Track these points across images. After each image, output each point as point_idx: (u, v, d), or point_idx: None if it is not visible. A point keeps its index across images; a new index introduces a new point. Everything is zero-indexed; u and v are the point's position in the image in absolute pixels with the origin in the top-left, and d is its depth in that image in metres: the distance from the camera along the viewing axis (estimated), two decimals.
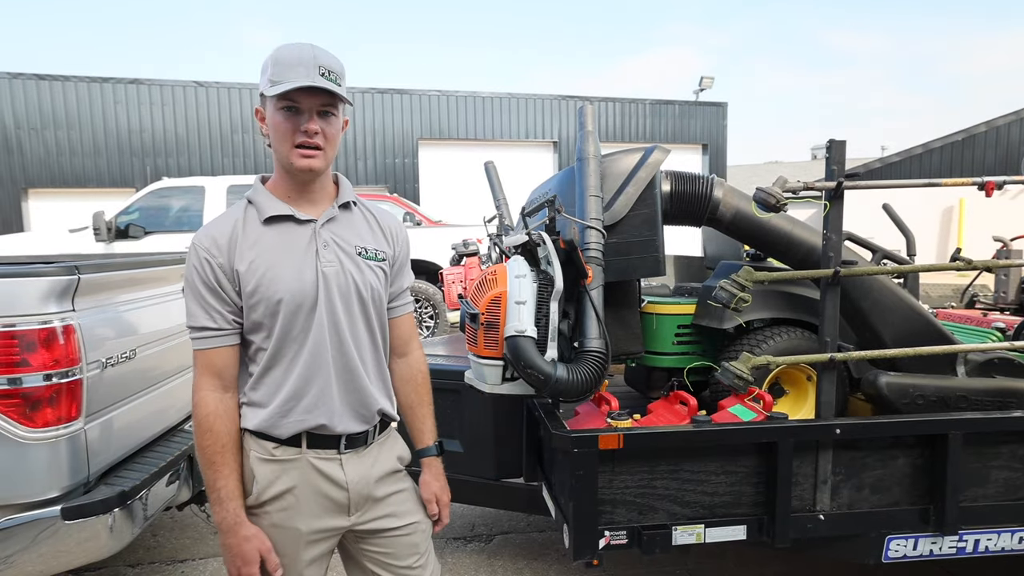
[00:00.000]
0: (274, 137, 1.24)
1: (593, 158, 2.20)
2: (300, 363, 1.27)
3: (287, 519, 1.29)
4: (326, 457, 1.31)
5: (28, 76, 11.88)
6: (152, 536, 3.06)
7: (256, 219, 1.27)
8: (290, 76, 1.19)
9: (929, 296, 5.13)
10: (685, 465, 1.88)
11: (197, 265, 1.24)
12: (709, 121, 15.21)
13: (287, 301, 1.24)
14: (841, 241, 2.01)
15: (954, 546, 1.98)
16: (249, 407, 1.29)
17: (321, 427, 1.29)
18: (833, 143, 1.95)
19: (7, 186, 11.86)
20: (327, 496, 1.31)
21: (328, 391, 1.29)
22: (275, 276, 1.24)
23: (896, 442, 1.95)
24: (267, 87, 1.21)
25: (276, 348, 1.26)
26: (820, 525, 1.92)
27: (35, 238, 7.83)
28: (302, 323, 1.26)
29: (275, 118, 1.23)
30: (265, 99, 1.24)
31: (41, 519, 1.62)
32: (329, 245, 1.29)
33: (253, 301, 1.24)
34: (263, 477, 1.28)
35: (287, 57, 1.21)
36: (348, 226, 1.35)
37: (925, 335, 2.23)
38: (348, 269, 1.30)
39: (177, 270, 2.41)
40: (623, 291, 2.31)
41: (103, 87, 12.14)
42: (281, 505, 1.28)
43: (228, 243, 1.24)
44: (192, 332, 1.26)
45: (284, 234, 1.27)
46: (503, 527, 3.15)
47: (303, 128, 1.22)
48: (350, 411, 1.32)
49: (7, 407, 1.58)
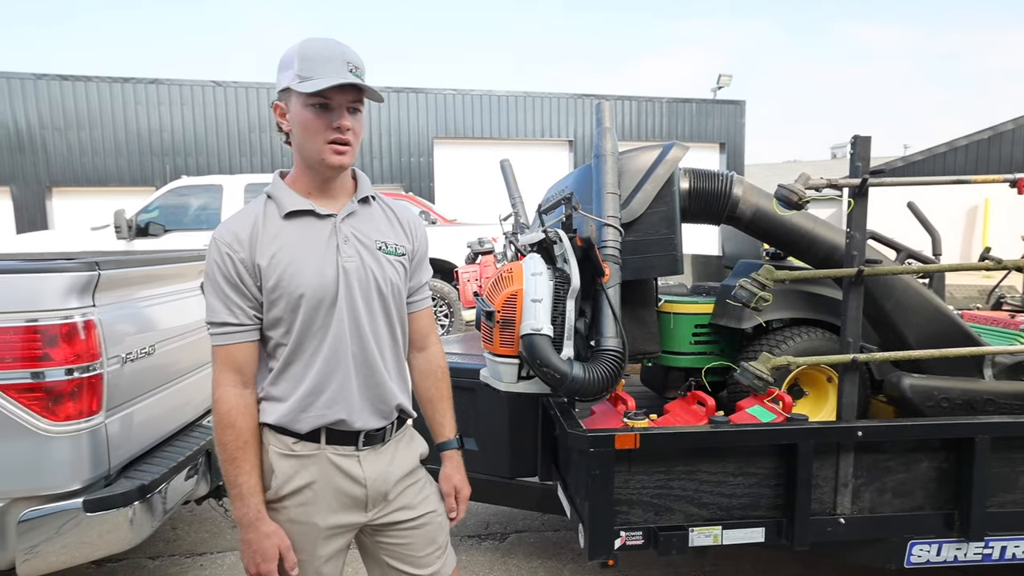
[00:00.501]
0: (303, 133, 1.23)
1: (611, 155, 2.18)
2: (320, 358, 1.27)
3: (305, 514, 1.29)
4: (344, 454, 1.31)
5: (52, 77, 12.10)
6: (171, 529, 3.10)
7: (276, 214, 1.27)
8: (321, 72, 1.18)
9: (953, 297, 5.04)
10: (703, 466, 1.86)
11: (218, 260, 1.24)
12: (727, 119, 15.06)
13: (308, 296, 1.24)
14: (865, 239, 1.97)
15: (980, 553, 1.94)
16: (268, 402, 1.30)
17: (340, 422, 1.29)
18: (858, 139, 1.92)
19: (32, 185, 12.11)
20: (345, 492, 1.31)
21: (348, 386, 1.29)
22: (296, 271, 1.24)
23: (920, 445, 1.91)
24: (294, 82, 1.20)
25: (297, 343, 1.26)
26: (840, 529, 1.89)
27: (58, 236, 7.98)
28: (323, 318, 1.26)
29: (304, 114, 1.22)
30: (289, 94, 1.23)
31: (64, 511, 1.64)
32: (349, 240, 1.29)
33: (274, 296, 1.24)
34: (282, 472, 1.28)
35: (316, 52, 1.20)
36: (368, 221, 1.35)
37: (951, 336, 2.18)
38: (368, 264, 1.30)
39: (195, 267, 2.44)
40: (640, 290, 2.29)
41: (124, 87, 12.34)
42: (299, 500, 1.29)
43: (249, 238, 1.24)
44: (212, 328, 1.26)
45: (304, 229, 1.27)
46: (517, 526, 3.14)
47: (336, 125, 1.22)
48: (369, 406, 1.32)
49: (30, 400, 1.61)
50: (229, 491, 1.25)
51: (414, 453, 1.45)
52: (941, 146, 14.30)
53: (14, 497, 1.63)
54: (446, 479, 1.48)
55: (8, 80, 11.94)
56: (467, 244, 4.84)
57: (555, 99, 14.14)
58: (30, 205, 12.10)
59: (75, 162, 12.24)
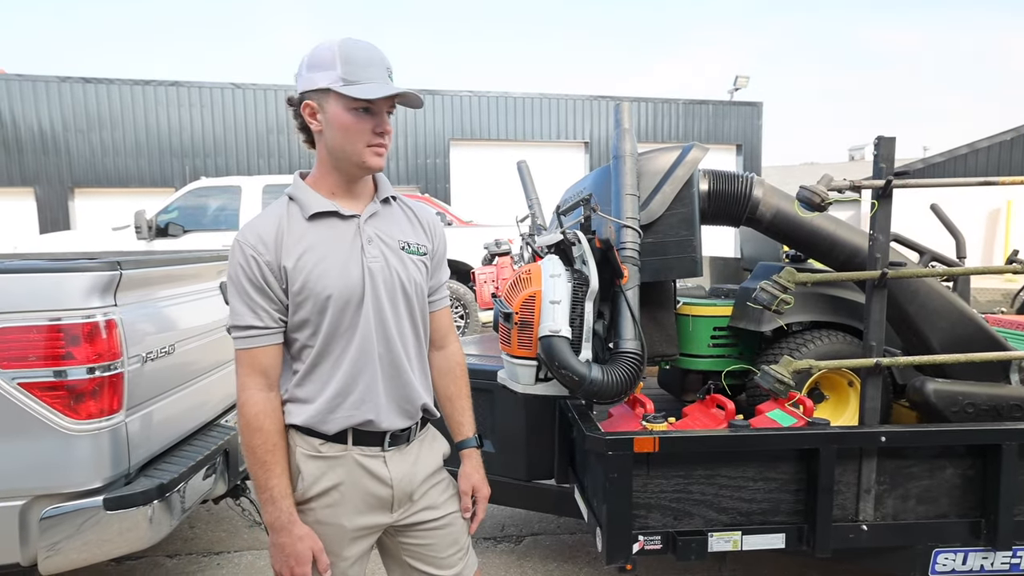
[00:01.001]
0: (343, 135, 1.23)
1: (629, 156, 2.17)
2: (348, 359, 1.27)
3: (332, 516, 1.29)
4: (370, 455, 1.31)
5: (75, 79, 12.31)
6: (189, 528, 3.12)
7: (299, 215, 1.27)
8: (365, 76, 1.19)
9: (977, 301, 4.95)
10: (722, 470, 1.83)
11: (243, 263, 1.23)
12: (744, 121, 14.94)
13: (336, 297, 1.24)
14: (889, 242, 1.94)
15: (1007, 562, 1.90)
16: (294, 404, 1.30)
17: (368, 423, 1.29)
18: (882, 139, 1.88)
19: (55, 185, 12.32)
20: (372, 493, 1.31)
21: (375, 386, 1.28)
22: (323, 272, 1.24)
23: (945, 451, 1.88)
24: (337, 84, 1.19)
25: (324, 344, 1.26)
26: (863, 536, 1.86)
27: (80, 236, 8.11)
28: (350, 319, 1.26)
29: (346, 117, 1.21)
30: (325, 94, 1.22)
31: (85, 508, 1.65)
32: (373, 240, 1.29)
33: (301, 298, 1.24)
34: (309, 474, 1.28)
35: (358, 56, 1.20)
36: (390, 221, 1.35)
37: (976, 341, 2.14)
38: (392, 264, 1.30)
39: (214, 267, 2.45)
40: (659, 292, 2.27)
41: (144, 89, 12.52)
42: (327, 502, 1.29)
43: (274, 240, 1.24)
44: (236, 331, 1.25)
45: (329, 230, 1.27)
46: (533, 528, 3.13)
47: (379, 130, 1.23)
48: (395, 407, 1.32)
49: (53, 399, 1.62)
50: (259, 495, 1.25)
51: (437, 453, 1.45)
52: (962, 148, 14.06)
53: (36, 494, 1.65)
54: (465, 477, 1.47)
55: (33, 83, 12.16)
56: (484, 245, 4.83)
57: (571, 101, 14.11)
58: (53, 205, 12.31)
59: (97, 163, 12.43)
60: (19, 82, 12.16)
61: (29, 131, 12.16)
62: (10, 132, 12.13)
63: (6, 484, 1.63)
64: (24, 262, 1.73)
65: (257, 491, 1.25)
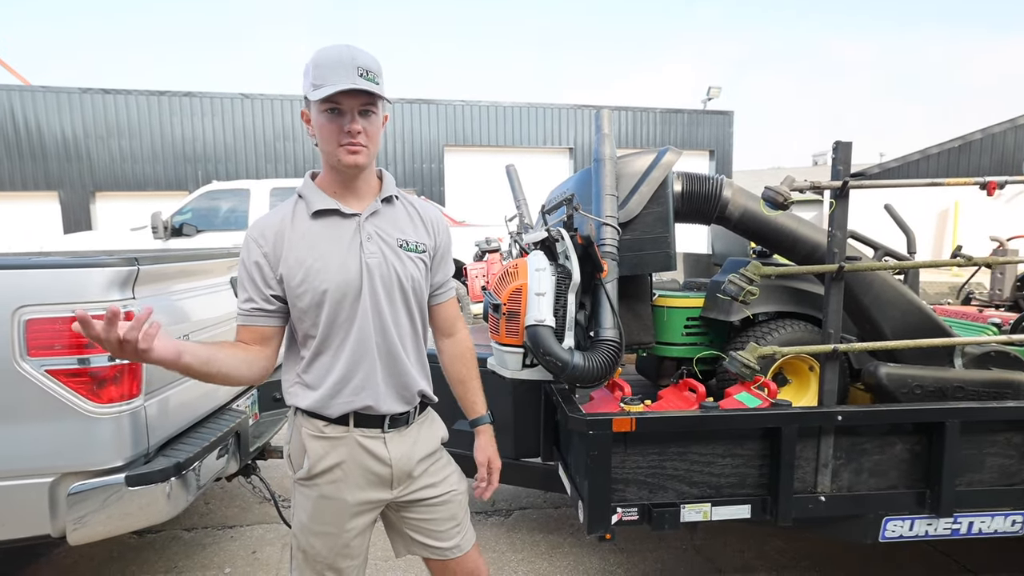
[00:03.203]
0: (320, 138, 1.23)
1: (609, 159, 2.17)
2: (347, 349, 1.26)
3: (335, 491, 1.30)
4: (371, 436, 1.31)
5: (96, 91, 12.16)
6: (204, 504, 3.11)
7: (305, 213, 1.27)
8: (331, 79, 1.16)
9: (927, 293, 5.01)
10: (693, 448, 1.85)
11: (246, 255, 1.26)
12: (716, 129, 14.99)
13: (332, 291, 1.23)
14: (845, 238, 1.96)
15: (949, 528, 1.93)
16: (301, 387, 1.30)
17: (368, 408, 1.29)
18: (839, 144, 1.90)
19: (77, 189, 12.17)
20: (372, 471, 1.31)
21: (373, 375, 1.28)
22: (322, 267, 1.23)
23: (895, 429, 1.90)
24: (310, 91, 1.18)
25: (324, 335, 1.26)
26: (820, 506, 1.88)
27: (101, 236, 8.02)
28: (347, 311, 1.26)
29: (319, 120, 1.20)
30: (309, 103, 1.22)
31: (108, 485, 1.66)
32: (372, 237, 1.28)
33: (300, 291, 1.24)
34: (314, 452, 1.28)
35: (326, 60, 1.17)
36: (390, 219, 1.33)
37: (924, 328, 2.17)
38: (390, 260, 1.29)
39: (225, 263, 2.44)
40: (636, 285, 2.28)
41: (160, 99, 12.37)
42: (330, 478, 1.29)
43: (275, 235, 1.25)
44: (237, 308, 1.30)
45: (330, 227, 1.27)
46: (521, 503, 3.15)
47: (346, 129, 1.19)
48: (394, 393, 1.32)
49: (77, 384, 1.62)
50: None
51: (435, 435, 1.45)
52: (914, 154, 14.19)
53: (64, 472, 1.65)
54: (481, 450, 1.49)
55: (56, 94, 12.00)
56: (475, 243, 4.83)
57: (556, 110, 14.09)
58: (76, 208, 12.16)
59: (116, 168, 12.29)
60: (44, 93, 12.00)
61: (53, 139, 12.01)
62: (36, 140, 11.98)
63: (36, 463, 1.64)
64: (50, 259, 1.71)
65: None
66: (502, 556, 2.62)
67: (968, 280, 3.63)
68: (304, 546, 1.32)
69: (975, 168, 13.52)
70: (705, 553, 2.63)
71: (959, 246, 2.65)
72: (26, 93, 11.97)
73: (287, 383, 1.33)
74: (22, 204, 12.13)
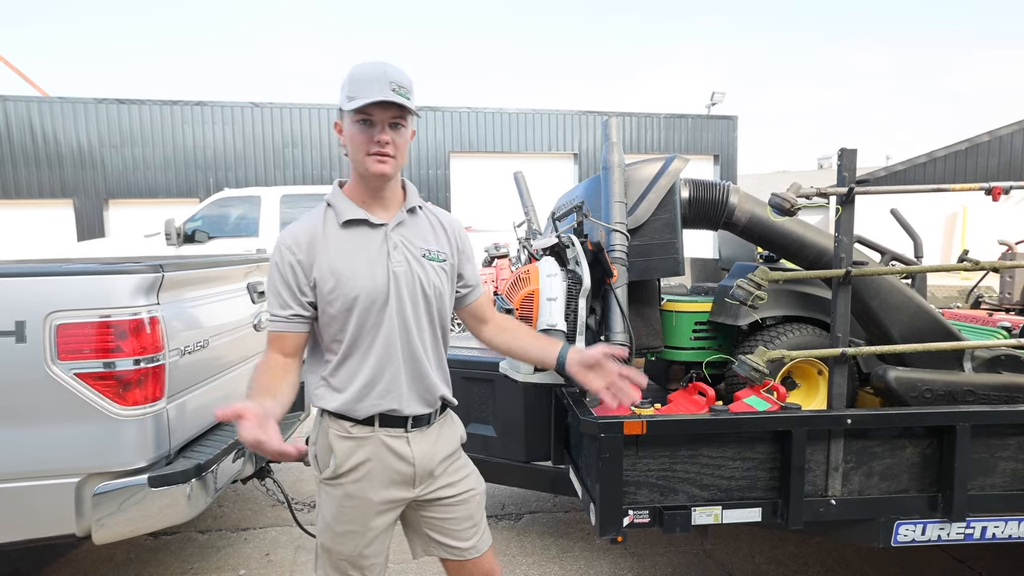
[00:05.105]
0: (351, 147, 1.27)
1: (617, 167, 2.20)
2: (374, 354, 1.30)
3: (360, 490, 1.33)
4: (395, 435, 1.34)
5: (111, 100, 12.34)
6: (219, 507, 3.15)
7: (335, 221, 1.31)
8: (364, 92, 1.22)
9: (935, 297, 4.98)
10: (704, 451, 1.86)
11: (279, 261, 1.28)
12: (720, 133, 14.98)
13: (362, 298, 1.27)
14: (852, 243, 1.97)
15: (962, 532, 1.92)
16: (327, 391, 1.34)
17: (393, 410, 1.33)
18: (844, 151, 1.92)
19: (91, 196, 12.33)
20: (395, 469, 1.34)
21: (398, 379, 1.32)
22: (352, 275, 1.27)
23: (905, 432, 1.90)
24: (344, 102, 1.24)
25: (352, 340, 1.30)
26: (832, 509, 1.89)
27: (114, 242, 8.12)
28: (375, 317, 1.29)
29: (351, 130, 1.26)
30: (343, 113, 1.27)
31: (132, 486, 1.69)
32: (398, 247, 1.32)
33: (331, 297, 1.27)
34: (341, 452, 1.32)
35: (362, 75, 1.24)
36: (414, 229, 1.37)
37: (932, 332, 2.17)
38: (415, 269, 1.33)
39: (243, 270, 2.48)
40: (645, 290, 2.30)
41: (172, 109, 12.53)
42: (355, 477, 1.32)
43: (308, 243, 1.28)
44: (269, 315, 1.32)
45: (359, 236, 1.31)
46: (531, 507, 3.16)
47: (376, 139, 1.25)
48: (416, 396, 1.35)
49: (104, 387, 1.66)
50: None
51: (455, 436, 1.48)
52: (921, 157, 14.12)
53: (89, 473, 1.68)
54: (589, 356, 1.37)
55: (72, 104, 12.19)
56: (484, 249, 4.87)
57: (561, 116, 14.14)
58: (89, 215, 12.32)
59: (129, 176, 12.45)
60: (60, 104, 12.20)
61: (68, 147, 12.19)
62: (52, 149, 12.16)
63: (63, 463, 1.67)
64: (79, 265, 1.76)
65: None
66: (512, 560, 2.63)
67: (977, 284, 3.61)
68: (328, 545, 1.35)
69: (982, 171, 13.43)
70: (716, 557, 2.63)
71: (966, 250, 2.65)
72: (44, 104, 12.16)
73: (312, 385, 1.36)
74: (38, 211, 12.31)
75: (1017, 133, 13.37)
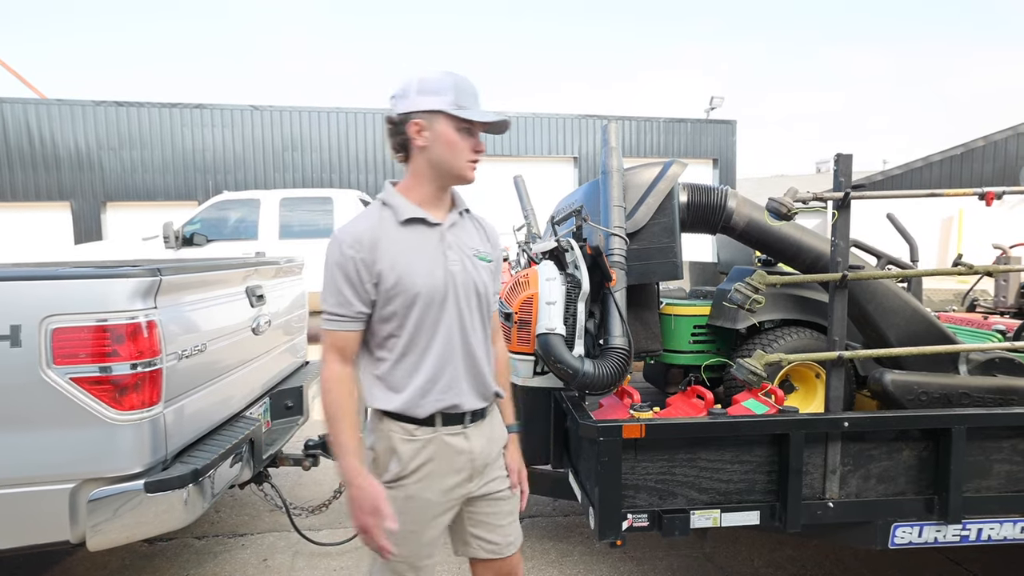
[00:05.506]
0: (450, 151, 1.31)
1: (616, 171, 2.21)
2: (434, 350, 1.32)
3: (422, 490, 1.34)
4: (455, 432, 1.37)
5: (109, 103, 12.33)
6: (215, 512, 3.13)
7: (392, 220, 1.32)
8: (471, 103, 1.30)
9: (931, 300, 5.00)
10: (702, 454, 1.87)
11: (340, 259, 1.28)
12: (719, 137, 15.03)
13: (423, 295, 1.29)
14: (848, 247, 1.98)
15: (958, 534, 1.93)
16: (385, 391, 1.34)
17: (454, 406, 1.35)
18: (840, 156, 1.93)
19: (89, 199, 12.31)
20: (457, 467, 1.37)
21: (458, 374, 1.35)
22: (413, 272, 1.29)
23: (902, 435, 1.91)
24: (451, 108, 1.28)
25: (411, 337, 1.31)
26: (829, 512, 1.89)
27: (112, 245, 8.10)
28: (434, 314, 1.32)
29: (454, 136, 1.30)
30: (436, 115, 1.29)
31: (128, 491, 1.68)
32: (453, 247, 1.36)
33: (392, 294, 1.29)
34: (406, 454, 1.33)
35: (464, 86, 1.31)
36: (464, 231, 1.42)
37: (928, 336, 2.19)
38: (469, 268, 1.37)
39: (241, 273, 2.47)
40: (644, 293, 2.31)
41: (171, 111, 12.53)
42: (418, 477, 1.34)
43: (371, 241, 1.28)
44: (326, 315, 1.31)
45: (418, 235, 1.33)
46: (531, 510, 3.15)
47: (477, 148, 1.34)
48: (474, 391, 1.38)
49: (100, 392, 1.65)
50: (334, 450, 1.30)
51: (503, 428, 1.51)
52: (917, 161, 14.19)
53: (84, 478, 1.67)
54: (511, 458, 1.52)
55: (71, 107, 12.18)
56: None
57: (561, 119, 14.18)
58: (87, 217, 12.29)
59: (127, 179, 12.43)
60: (58, 106, 12.19)
61: (66, 150, 12.18)
62: (49, 151, 12.15)
63: (57, 469, 1.66)
64: (76, 269, 1.75)
65: (332, 445, 1.30)
66: None
67: (972, 287, 3.63)
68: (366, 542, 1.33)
69: (977, 175, 13.51)
70: (716, 561, 2.63)
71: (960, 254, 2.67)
72: (41, 106, 12.15)
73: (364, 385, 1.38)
74: (35, 214, 12.28)
75: (1011, 138, 13.46)
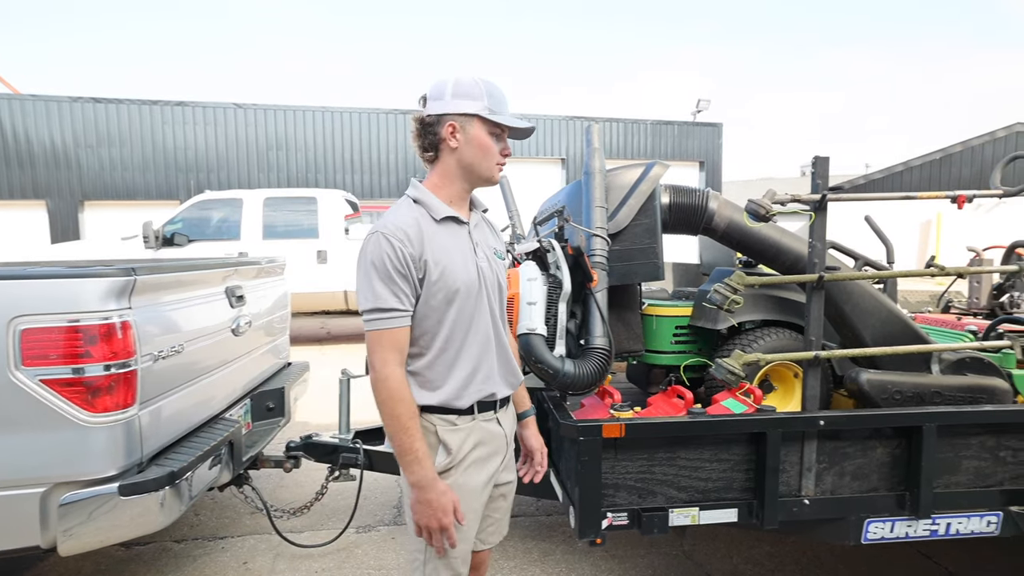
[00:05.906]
0: (482, 153, 1.35)
1: (599, 172, 2.22)
2: (473, 343, 1.36)
3: (467, 478, 1.38)
4: (489, 419, 1.43)
5: (86, 99, 12.11)
6: (194, 515, 3.10)
7: (428, 217, 1.35)
8: (502, 109, 1.37)
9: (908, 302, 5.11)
10: (681, 453, 1.89)
11: (389, 253, 1.26)
12: (706, 140, 15.20)
13: (462, 290, 1.33)
14: (825, 249, 2.01)
15: (928, 529, 1.97)
16: (423, 386, 1.35)
17: (491, 395, 1.40)
18: (817, 159, 1.96)
19: (66, 198, 12.08)
20: (494, 450, 1.44)
21: (492, 364, 1.41)
22: (453, 267, 1.33)
23: (875, 433, 1.95)
24: (485, 112, 1.33)
25: (449, 332, 1.34)
26: (805, 509, 1.92)
27: (89, 245, 7.95)
28: (472, 308, 1.35)
29: (486, 139, 1.35)
30: (470, 118, 1.33)
31: (101, 495, 1.65)
32: (479, 244, 1.42)
33: (435, 288, 1.31)
34: (453, 443, 1.36)
35: (496, 92, 1.36)
36: (483, 230, 1.48)
37: (902, 336, 2.23)
38: (492, 265, 1.43)
39: (220, 273, 2.44)
40: (625, 294, 2.33)
41: (152, 109, 12.35)
42: (468, 463, 1.39)
43: (418, 236, 1.29)
44: (379, 313, 1.27)
45: (452, 232, 1.37)
46: (513, 510, 3.14)
47: (506, 152, 1.39)
48: (504, 380, 1.45)
49: (72, 394, 1.62)
50: (403, 458, 1.29)
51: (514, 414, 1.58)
52: (898, 165, 14.48)
53: (56, 482, 1.64)
54: (532, 438, 1.61)
55: (46, 103, 11.94)
56: None
57: (549, 120, 14.23)
58: (64, 217, 12.06)
59: (106, 177, 12.23)
60: (32, 102, 11.94)
61: (42, 147, 11.94)
62: (24, 148, 11.90)
63: (28, 473, 1.63)
64: (46, 268, 1.72)
65: (401, 455, 1.29)
66: (494, 563, 2.63)
67: (947, 289, 3.71)
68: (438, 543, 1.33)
69: (955, 179, 13.81)
70: (695, 558, 2.66)
71: (932, 256, 2.73)
72: (15, 102, 11.90)
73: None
74: (9, 213, 12.02)
75: (988, 144, 13.79)
